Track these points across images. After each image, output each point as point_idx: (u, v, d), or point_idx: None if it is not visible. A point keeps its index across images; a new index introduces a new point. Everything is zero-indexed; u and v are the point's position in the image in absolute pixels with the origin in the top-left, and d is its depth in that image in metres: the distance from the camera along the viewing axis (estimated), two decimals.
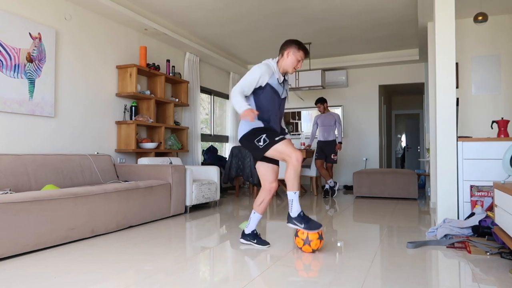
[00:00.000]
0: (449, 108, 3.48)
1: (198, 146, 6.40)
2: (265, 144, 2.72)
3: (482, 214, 3.11)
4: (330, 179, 6.18)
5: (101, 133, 4.65)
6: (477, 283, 2.06)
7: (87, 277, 2.17)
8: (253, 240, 2.93)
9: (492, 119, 4.92)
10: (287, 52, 2.85)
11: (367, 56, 7.19)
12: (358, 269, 2.31)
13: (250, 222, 2.95)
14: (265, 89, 2.79)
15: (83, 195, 3.13)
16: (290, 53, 2.85)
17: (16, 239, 2.60)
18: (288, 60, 2.85)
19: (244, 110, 2.62)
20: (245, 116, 2.62)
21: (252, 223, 2.94)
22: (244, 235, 2.97)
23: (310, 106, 7.97)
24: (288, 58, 2.85)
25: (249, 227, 2.95)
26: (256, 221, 2.94)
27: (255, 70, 2.76)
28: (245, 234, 2.97)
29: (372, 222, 3.91)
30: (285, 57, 2.86)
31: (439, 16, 3.53)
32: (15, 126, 3.68)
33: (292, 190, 2.72)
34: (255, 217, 2.93)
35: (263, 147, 2.72)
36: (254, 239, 2.93)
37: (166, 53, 5.88)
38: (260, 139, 2.73)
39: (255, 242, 2.92)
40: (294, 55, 2.85)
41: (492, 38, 4.98)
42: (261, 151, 2.74)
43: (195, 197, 4.62)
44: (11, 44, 3.61)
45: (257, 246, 2.90)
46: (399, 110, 11.03)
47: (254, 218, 2.93)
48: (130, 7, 4.72)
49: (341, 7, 4.88)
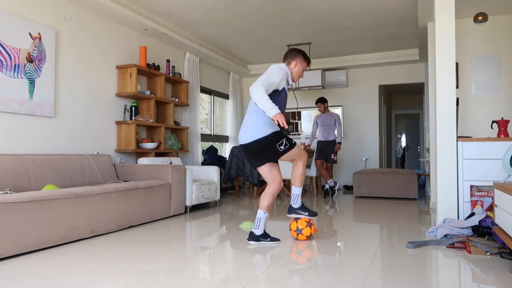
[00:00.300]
0: (449, 108, 3.48)
1: (198, 146, 6.40)
2: (286, 147, 2.89)
3: (482, 214, 3.11)
4: (330, 179, 6.18)
5: (101, 133, 4.65)
6: (477, 283, 2.06)
7: (87, 277, 2.17)
8: (266, 239, 2.98)
9: (492, 119, 4.91)
10: (295, 62, 3.05)
11: (367, 56, 7.19)
12: (358, 269, 2.31)
13: (261, 223, 2.98)
14: (281, 92, 2.94)
15: (83, 195, 3.13)
16: (298, 63, 3.05)
17: (16, 239, 2.60)
18: (295, 70, 3.06)
19: (277, 113, 2.70)
20: (278, 118, 2.69)
21: (262, 223, 2.99)
22: (255, 237, 2.97)
23: (310, 106, 7.97)
24: (296, 68, 3.06)
25: (260, 228, 2.99)
26: (265, 220, 3.02)
27: (278, 73, 2.87)
28: (256, 236, 2.98)
29: (372, 222, 3.91)
30: (293, 67, 3.05)
31: (439, 16, 3.53)
32: (15, 126, 3.68)
33: (300, 186, 3.06)
34: (265, 217, 3.01)
35: (283, 150, 2.89)
36: (267, 238, 2.99)
37: (166, 53, 5.88)
38: (282, 143, 2.88)
39: (269, 240, 2.98)
40: (301, 65, 3.08)
41: (492, 38, 4.98)
42: (280, 154, 2.90)
43: (195, 197, 4.62)
44: (11, 44, 3.61)
45: (271, 243, 2.97)
46: (399, 110, 11.03)
47: (264, 218, 3.00)
48: (130, 7, 4.72)
49: (341, 7, 4.89)
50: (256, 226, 2.98)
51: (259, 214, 2.99)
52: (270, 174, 3.02)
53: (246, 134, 2.89)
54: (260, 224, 2.97)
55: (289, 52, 3.08)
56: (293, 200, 3.07)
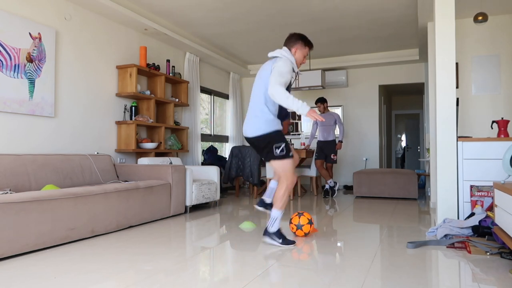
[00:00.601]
0: (449, 108, 3.48)
1: (198, 146, 6.40)
2: (281, 154, 2.77)
3: (482, 214, 3.11)
4: (330, 179, 6.17)
5: (101, 133, 4.65)
6: (477, 283, 2.06)
7: (87, 277, 2.17)
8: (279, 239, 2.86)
9: (492, 119, 4.91)
10: (294, 49, 2.91)
11: (367, 56, 7.19)
12: (358, 269, 2.31)
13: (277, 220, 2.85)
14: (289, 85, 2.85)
15: (83, 195, 3.13)
16: (297, 50, 2.92)
17: (16, 239, 2.60)
18: (296, 56, 2.93)
19: (309, 109, 2.62)
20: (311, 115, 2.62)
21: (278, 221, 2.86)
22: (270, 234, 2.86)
23: (310, 106, 7.96)
24: (296, 55, 2.92)
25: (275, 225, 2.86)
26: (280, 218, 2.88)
27: (288, 68, 2.74)
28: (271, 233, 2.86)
29: (372, 222, 3.91)
30: (293, 54, 2.92)
31: (439, 16, 3.53)
32: (15, 126, 3.68)
33: (279, 209, 2.84)
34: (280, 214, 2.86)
35: (277, 156, 2.77)
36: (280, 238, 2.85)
37: (166, 53, 5.88)
38: (279, 146, 2.76)
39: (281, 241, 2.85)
40: (301, 52, 2.93)
41: (492, 38, 4.97)
42: (272, 157, 2.79)
43: (195, 197, 4.62)
44: (11, 44, 3.61)
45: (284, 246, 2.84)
46: (399, 110, 11.03)
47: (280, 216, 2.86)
48: (130, 7, 4.72)
49: (341, 7, 4.88)
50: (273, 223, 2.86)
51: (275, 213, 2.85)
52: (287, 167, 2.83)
53: (250, 127, 2.84)
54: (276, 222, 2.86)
55: (289, 38, 2.96)
56: (270, 222, 2.86)
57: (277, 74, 2.70)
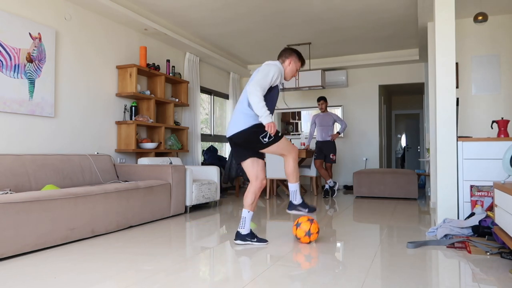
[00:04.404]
0: (449, 108, 3.48)
1: (198, 146, 6.40)
2: (270, 140, 2.84)
3: (482, 214, 3.11)
4: (330, 179, 6.18)
5: (101, 133, 4.65)
6: (477, 283, 2.06)
7: (87, 277, 2.17)
8: (253, 239, 2.95)
9: (492, 119, 4.91)
10: (289, 60, 3.02)
11: (367, 56, 7.19)
12: (358, 269, 2.31)
13: (246, 221, 2.95)
14: (274, 89, 2.91)
15: (83, 195, 3.13)
16: (292, 62, 3.03)
17: (16, 239, 2.60)
18: (289, 69, 3.03)
19: (270, 122, 2.72)
20: (270, 127, 2.72)
21: (248, 222, 2.96)
22: (242, 236, 2.96)
23: (310, 106, 7.97)
24: (289, 67, 3.03)
25: (246, 227, 2.96)
26: (250, 219, 2.99)
27: (272, 71, 2.83)
28: (242, 235, 2.96)
29: (372, 222, 3.91)
30: (287, 65, 3.02)
31: (439, 16, 3.53)
32: (15, 126, 3.68)
33: (295, 182, 2.99)
34: (250, 215, 2.96)
35: (267, 142, 2.84)
36: (253, 238, 2.96)
37: (166, 53, 5.88)
38: (265, 135, 2.83)
39: (255, 240, 2.95)
40: (295, 65, 3.05)
41: (492, 38, 4.97)
42: (264, 146, 2.86)
43: (195, 197, 4.62)
44: (11, 44, 3.61)
45: (257, 244, 2.93)
46: (399, 110, 11.02)
47: (249, 217, 2.96)
48: (130, 7, 4.72)
49: (341, 7, 4.88)
50: (242, 226, 2.95)
51: (243, 213, 2.96)
52: (252, 170, 2.97)
53: (231, 126, 2.91)
54: (246, 223, 2.95)
55: (284, 51, 3.07)
56: (292, 196, 3.04)
57: (260, 74, 2.80)
